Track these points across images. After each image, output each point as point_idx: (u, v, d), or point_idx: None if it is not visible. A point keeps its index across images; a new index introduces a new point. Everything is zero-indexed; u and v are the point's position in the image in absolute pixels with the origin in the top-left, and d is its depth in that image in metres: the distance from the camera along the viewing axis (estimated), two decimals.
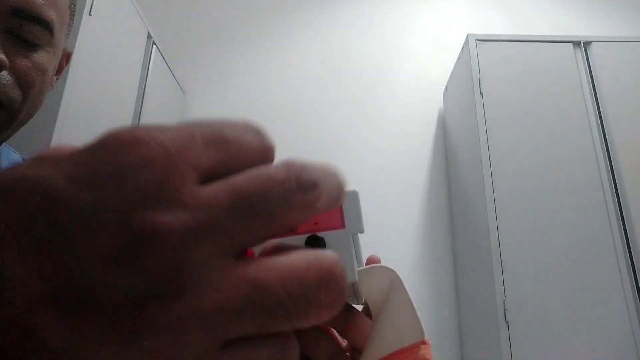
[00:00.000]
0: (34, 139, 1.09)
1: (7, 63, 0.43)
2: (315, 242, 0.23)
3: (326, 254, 0.15)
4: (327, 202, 0.16)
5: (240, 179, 0.14)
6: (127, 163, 0.13)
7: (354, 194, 0.26)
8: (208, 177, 0.14)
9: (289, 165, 0.15)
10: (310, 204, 0.15)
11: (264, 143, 0.16)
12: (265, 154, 0.16)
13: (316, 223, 0.24)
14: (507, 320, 1.39)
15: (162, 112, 1.94)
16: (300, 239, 0.24)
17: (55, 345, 0.12)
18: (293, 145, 2.19)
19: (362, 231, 0.25)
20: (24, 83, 0.45)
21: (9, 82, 0.43)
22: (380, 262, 0.30)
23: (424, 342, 0.26)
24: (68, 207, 0.12)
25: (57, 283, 0.12)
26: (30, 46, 0.45)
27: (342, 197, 0.17)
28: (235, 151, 0.15)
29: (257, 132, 0.16)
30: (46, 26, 0.46)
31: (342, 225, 0.24)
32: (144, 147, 0.13)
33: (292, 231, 0.24)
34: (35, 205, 0.12)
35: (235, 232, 0.13)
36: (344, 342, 0.30)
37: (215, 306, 0.13)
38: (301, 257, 0.14)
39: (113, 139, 0.13)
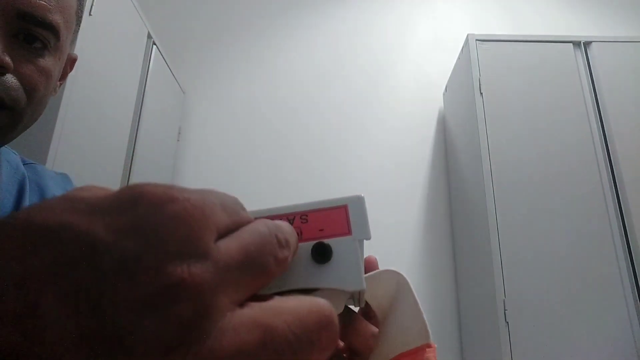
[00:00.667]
0: (34, 139, 1.09)
1: (12, 66, 0.43)
2: (321, 249, 0.23)
3: (321, 300, 0.17)
4: (293, 256, 0.19)
5: (246, 237, 0.17)
6: (168, 216, 0.14)
7: (360, 200, 0.25)
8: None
9: (267, 225, 0.18)
10: (286, 259, 0.18)
11: (249, 216, 0.18)
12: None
13: (322, 229, 0.24)
14: (507, 320, 1.39)
15: (162, 112, 1.94)
16: (306, 245, 0.23)
17: None
18: (292, 145, 2.19)
19: (368, 238, 0.24)
20: (28, 86, 0.45)
21: (14, 84, 0.44)
22: (377, 264, 0.29)
23: (429, 345, 0.25)
24: (109, 254, 0.13)
25: (93, 326, 0.13)
26: (36, 51, 0.46)
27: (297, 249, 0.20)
28: (239, 220, 0.17)
29: (244, 208, 0.19)
30: (52, 30, 0.46)
31: (349, 232, 0.24)
32: (184, 204, 0.15)
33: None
34: (77, 252, 0.13)
35: (244, 284, 0.16)
36: (340, 343, 0.30)
37: (234, 350, 0.14)
38: (302, 303, 0.16)
39: (151, 194, 0.15)
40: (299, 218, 0.24)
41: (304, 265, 0.23)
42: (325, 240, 0.23)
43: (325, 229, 0.24)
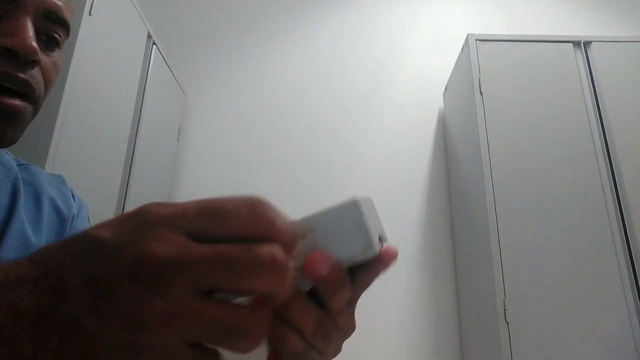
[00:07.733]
0: (34, 138, 1.09)
1: (42, 61, 0.45)
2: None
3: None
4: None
5: (225, 247, 0.21)
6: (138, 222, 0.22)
7: (364, 202, 0.26)
8: (200, 239, 0.21)
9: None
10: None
11: (252, 215, 0.22)
12: (252, 223, 0.22)
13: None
14: (507, 320, 1.39)
15: (162, 112, 1.94)
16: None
17: (87, 325, 0.20)
18: (293, 145, 2.19)
19: (375, 252, 0.26)
20: (47, 80, 0.48)
21: (40, 79, 0.46)
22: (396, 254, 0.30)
23: None
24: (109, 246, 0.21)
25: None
26: (51, 47, 0.48)
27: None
28: (221, 221, 0.21)
29: (251, 206, 0.22)
30: (67, 28, 0.49)
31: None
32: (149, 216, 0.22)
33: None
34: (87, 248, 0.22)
35: (205, 276, 0.20)
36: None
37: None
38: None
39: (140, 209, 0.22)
40: None
41: None
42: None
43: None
